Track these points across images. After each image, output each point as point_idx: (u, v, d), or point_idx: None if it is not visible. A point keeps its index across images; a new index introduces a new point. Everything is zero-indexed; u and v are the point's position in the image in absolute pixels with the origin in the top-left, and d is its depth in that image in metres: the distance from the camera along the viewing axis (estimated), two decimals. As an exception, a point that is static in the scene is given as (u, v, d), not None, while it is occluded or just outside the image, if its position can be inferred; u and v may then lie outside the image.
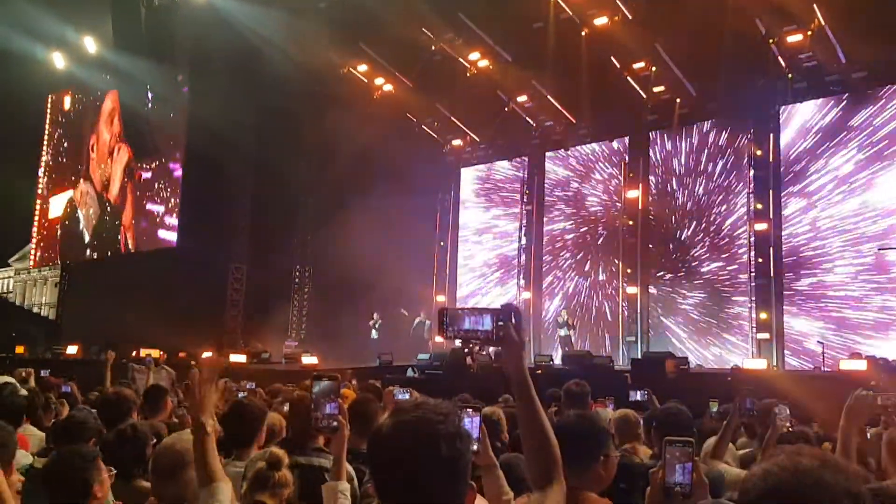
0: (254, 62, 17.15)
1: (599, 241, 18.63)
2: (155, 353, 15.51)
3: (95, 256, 24.16)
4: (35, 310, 34.03)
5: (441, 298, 20.36)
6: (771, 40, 14.64)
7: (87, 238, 24.45)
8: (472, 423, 2.47)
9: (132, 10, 14.38)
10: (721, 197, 16.71)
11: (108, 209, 23.47)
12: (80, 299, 24.17)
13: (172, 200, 20.95)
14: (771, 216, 15.79)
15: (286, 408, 4.75)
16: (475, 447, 2.20)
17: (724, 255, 16.51)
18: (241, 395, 6.97)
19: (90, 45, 20.94)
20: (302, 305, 21.08)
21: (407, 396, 5.42)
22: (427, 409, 1.63)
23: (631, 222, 17.89)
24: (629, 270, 17.82)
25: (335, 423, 2.67)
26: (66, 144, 25.83)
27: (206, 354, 16.06)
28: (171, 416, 5.14)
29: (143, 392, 5.58)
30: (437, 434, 1.57)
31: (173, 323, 17.38)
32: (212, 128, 17.82)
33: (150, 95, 15.73)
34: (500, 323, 1.90)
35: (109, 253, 23.44)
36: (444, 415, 1.61)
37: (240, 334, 19.08)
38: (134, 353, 15.97)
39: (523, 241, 19.92)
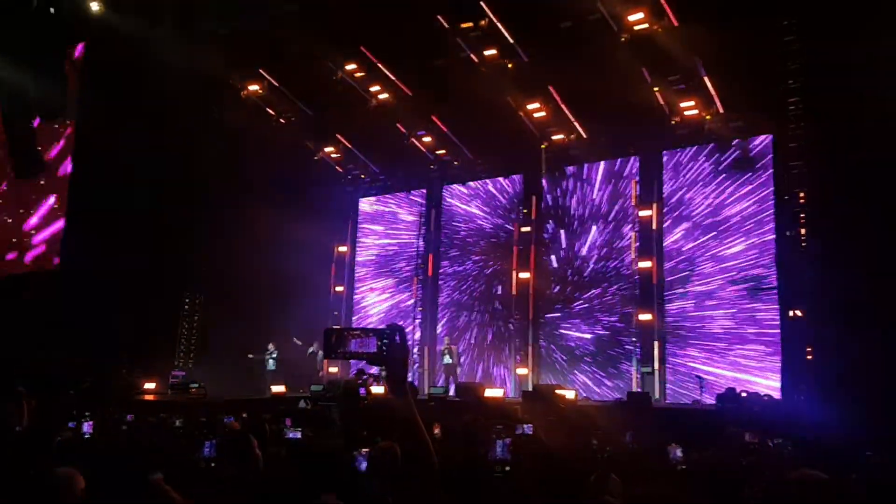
0: (148, 82, 16.67)
1: (494, 274, 18.99)
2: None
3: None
4: None
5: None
6: (655, 88, 15.44)
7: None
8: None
9: (21, 19, 13.73)
10: (609, 235, 17.38)
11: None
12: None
13: (58, 221, 19.98)
14: (654, 254, 16.54)
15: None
16: None
17: (611, 291, 17.12)
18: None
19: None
20: (191, 334, 20.40)
21: (298, 436, 5.34)
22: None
23: (521, 257, 18.39)
24: (518, 310, 18.24)
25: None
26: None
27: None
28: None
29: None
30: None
31: (50, 351, 16.50)
32: (101, 146, 17.14)
33: (36, 108, 15.04)
34: (385, 342, 1.95)
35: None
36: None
37: (124, 363, 18.25)
38: None
39: (420, 272, 20.06)
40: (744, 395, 12.36)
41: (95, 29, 16.88)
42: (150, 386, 16.39)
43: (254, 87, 18.19)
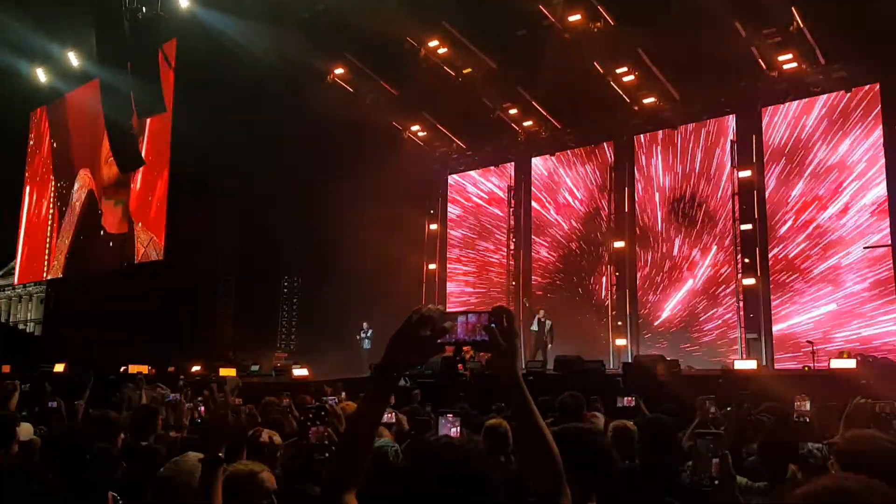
0: (238, 73, 17.10)
1: (587, 245, 18.69)
2: (143, 368, 15.41)
3: (79, 272, 23.92)
4: (20, 326, 33.74)
5: (424, 310, 20.25)
6: (751, 43, 14.75)
7: (70, 255, 24.24)
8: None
9: (116, 24, 14.24)
10: (706, 198, 16.81)
11: (88, 228, 23.33)
12: (66, 315, 23.96)
13: (159, 213, 20.83)
14: (756, 216, 15.90)
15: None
16: None
17: (710, 255, 16.60)
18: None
19: (73, 59, 20.83)
20: (291, 317, 20.98)
21: (393, 418, 5.30)
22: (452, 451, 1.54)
23: (614, 225, 18.00)
24: (618, 274, 17.88)
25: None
26: (50, 160, 25.64)
27: (195, 368, 16.10)
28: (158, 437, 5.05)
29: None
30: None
31: (161, 338, 17.27)
32: (196, 140, 17.71)
33: (134, 109, 15.65)
34: (491, 327, 1.81)
35: (95, 267, 23.22)
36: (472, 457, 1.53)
37: (229, 347, 18.94)
38: (122, 369, 15.87)
39: (511, 246, 19.95)
40: (858, 358, 11.74)
41: (185, 24, 17.38)
42: (255, 368, 16.90)
43: (339, 71, 18.36)
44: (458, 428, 3.95)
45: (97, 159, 23.20)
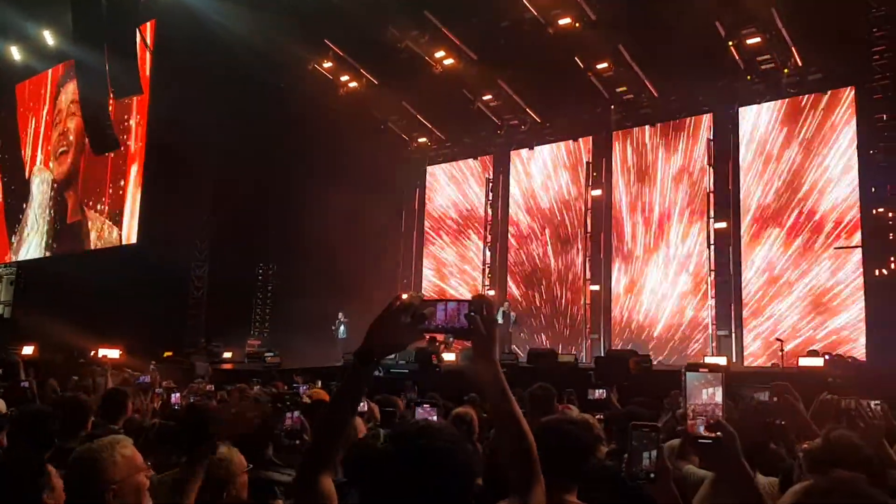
0: (217, 56, 16.91)
1: (562, 239, 18.78)
2: (114, 353, 15.25)
3: (50, 254, 23.62)
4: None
5: (405, 297, 20.28)
6: (730, 42, 14.88)
7: (42, 237, 23.94)
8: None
9: (93, 3, 14.04)
10: (681, 195, 16.93)
11: (60, 208, 23.06)
12: (36, 298, 23.62)
13: (132, 197, 20.57)
14: (731, 214, 16.06)
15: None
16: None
17: (684, 251, 16.74)
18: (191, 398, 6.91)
19: (49, 38, 20.49)
20: (265, 304, 20.86)
21: (365, 407, 5.30)
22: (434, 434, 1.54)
23: (590, 220, 18.12)
24: (592, 269, 17.99)
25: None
26: (19, 138, 25.24)
27: (167, 354, 15.97)
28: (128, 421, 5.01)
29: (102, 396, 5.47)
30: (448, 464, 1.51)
31: (133, 322, 17.09)
32: (173, 123, 17.51)
33: (110, 89, 15.42)
34: (471, 315, 1.81)
35: (64, 250, 22.95)
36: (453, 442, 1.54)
37: (201, 334, 18.79)
38: (92, 354, 15.69)
39: (489, 238, 19.99)
40: (826, 357, 11.93)
41: (165, 5, 17.17)
42: (227, 355, 16.80)
43: (320, 59, 18.23)
44: (436, 418, 4.01)
45: (45, 151, 23.11)
